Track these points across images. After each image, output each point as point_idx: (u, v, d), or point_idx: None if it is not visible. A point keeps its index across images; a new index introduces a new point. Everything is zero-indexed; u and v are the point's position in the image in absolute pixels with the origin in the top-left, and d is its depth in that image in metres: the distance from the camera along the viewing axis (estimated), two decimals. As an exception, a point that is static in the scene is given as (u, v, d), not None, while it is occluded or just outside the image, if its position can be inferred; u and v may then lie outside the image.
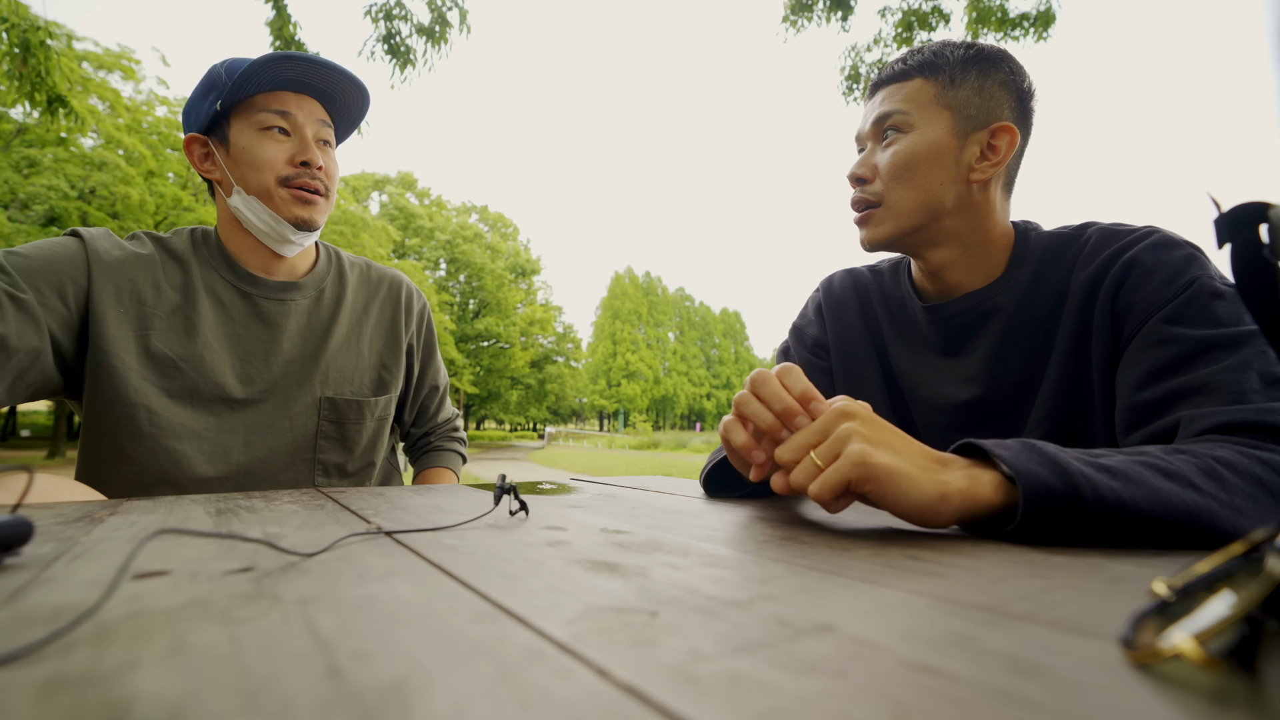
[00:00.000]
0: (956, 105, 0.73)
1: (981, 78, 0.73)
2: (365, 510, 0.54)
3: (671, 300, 60.48)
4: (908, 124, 0.74)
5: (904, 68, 0.76)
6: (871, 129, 0.78)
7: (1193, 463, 0.47)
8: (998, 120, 0.73)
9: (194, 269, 0.90)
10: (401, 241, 26.63)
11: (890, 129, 0.75)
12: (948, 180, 0.72)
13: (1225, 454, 0.48)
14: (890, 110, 0.75)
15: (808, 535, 0.45)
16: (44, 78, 3.69)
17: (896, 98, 0.75)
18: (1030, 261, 0.74)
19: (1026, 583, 0.31)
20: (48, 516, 0.49)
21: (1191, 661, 0.18)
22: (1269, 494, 0.46)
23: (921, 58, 0.75)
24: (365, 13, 4.32)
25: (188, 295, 0.88)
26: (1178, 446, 0.50)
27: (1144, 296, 0.64)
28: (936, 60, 0.74)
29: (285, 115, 0.88)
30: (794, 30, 5.19)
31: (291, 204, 0.88)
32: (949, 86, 0.73)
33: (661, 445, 25.93)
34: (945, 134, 0.72)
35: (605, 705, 0.17)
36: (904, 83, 0.76)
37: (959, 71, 0.73)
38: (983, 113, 0.72)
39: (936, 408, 0.80)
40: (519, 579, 0.31)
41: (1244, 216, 0.31)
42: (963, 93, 0.73)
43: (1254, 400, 0.54)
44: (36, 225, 11.65)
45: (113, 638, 0.22)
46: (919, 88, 0.74)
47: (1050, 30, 4.81)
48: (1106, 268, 0.67)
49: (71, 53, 12.56)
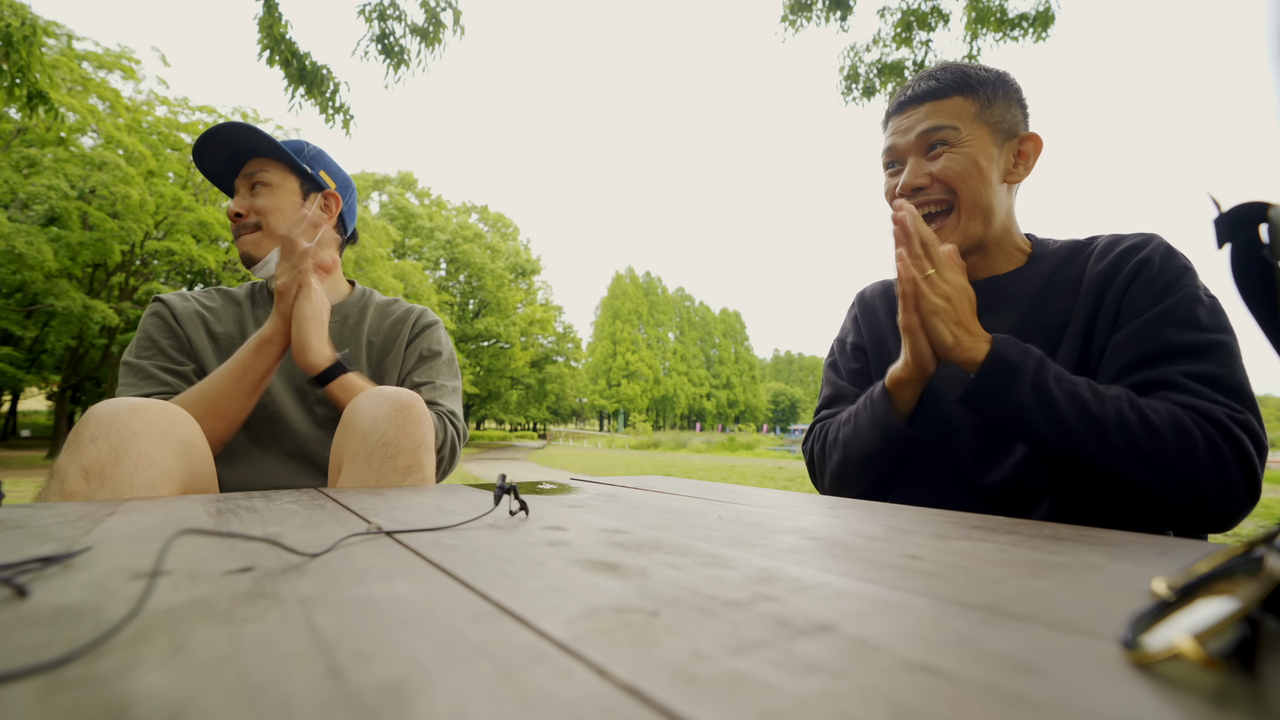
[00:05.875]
0: (993, 121, 0.83)
1: (1006, 98, 0.84)
2: (365, 510, 0.54)
3: (671, 300, 60.47)
4: (957, 138, 0.83)
5: (939, 85, 0.85)
6: (916, 141, 0.85)
7: (1125, 397, 0.67)
8: (1022, 131, 0.85)
9: (247, 308, 1.16)
10: (401, 241, 26.60)
11: (939, 142, 0.84)
12: (993, 185, 0.83)
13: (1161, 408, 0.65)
14: (940, 125, 0.83)
15: (808, 535, 0.45)
16: (25, 73, 3.66)
17: (942, 114, 0.84)
18: (1048, 259, 0.85)
19: (1026, 583, 0.31)
20: (48, 516, 0.49)
21: (1191, 661, 0.18)
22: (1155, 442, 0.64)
23: (952, 77, 0.85)
24: (359, 12, 4.32)
25: (241, 325, 1.14)
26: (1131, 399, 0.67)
27: (1149, 295, 0.74)
28: (969, 80, 0.84)
29: (235, 190, 1.14)
30: (793, 30, 5.18)
31: (239, 248, 1.13)
32: (986, 105, 0.83)
33: (661, 445, 25.93)
34: (988, 144, 0.83)
35: (605, 705, 0.17)
36: (943, 100, 0.84)
37: (991, 92, 0.84)
38: (1011, 125, 0.84)
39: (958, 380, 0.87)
40: (519, 579, 0.31)
41: (1244, 216, 0.31)
42: (997, 110, 0.83)
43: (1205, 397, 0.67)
44: (36, 225, 11.64)
45: (113, 638, 0.22)
46: (961, 105, 0.83)
47: (1049, 30, 4.81)
48: (1121, 263, 0.77)
49: (71, 52, 12.56)
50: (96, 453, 0.68)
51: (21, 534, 0.41)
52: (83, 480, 0.66)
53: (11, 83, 3.67)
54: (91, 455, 0.67)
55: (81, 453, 0.68)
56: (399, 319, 1.20)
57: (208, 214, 13.68)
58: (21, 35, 3.58)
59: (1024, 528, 0.49)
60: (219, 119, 15.54)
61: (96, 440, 0.69)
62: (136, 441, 0.70)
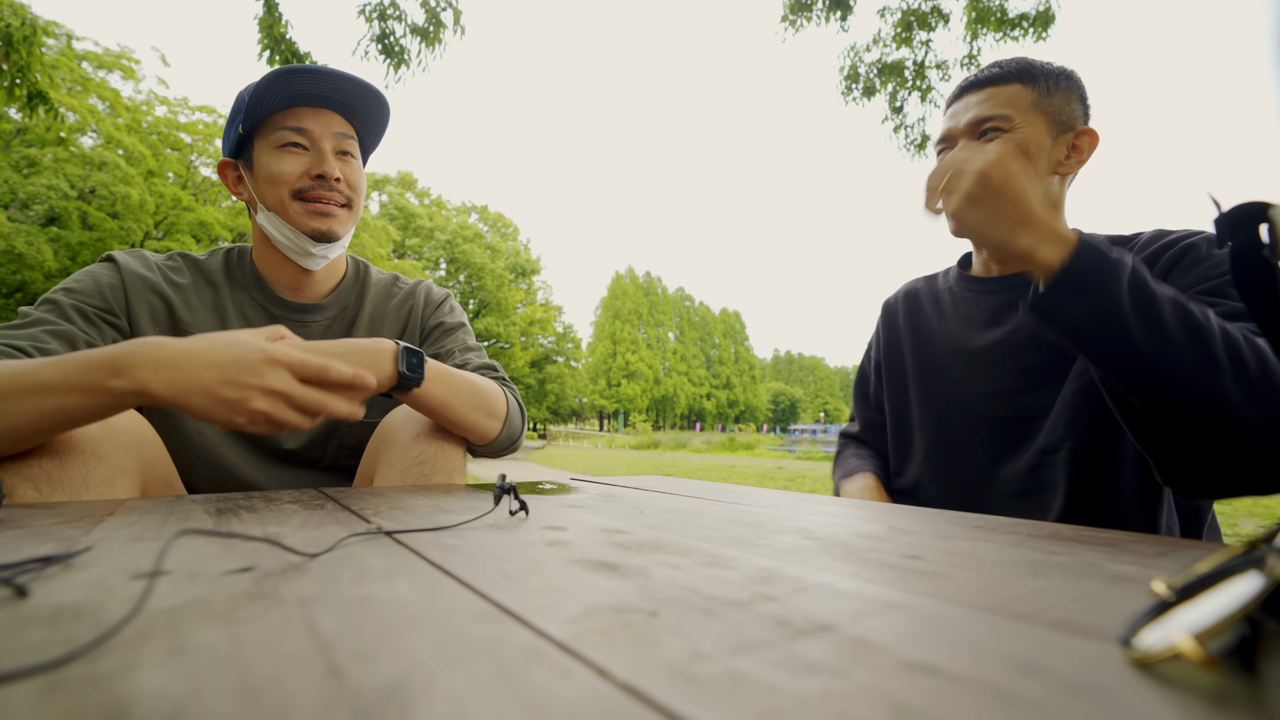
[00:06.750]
0: (1051, 111, 0.82)
1: (1068, 91, 0.84)
2: (365, 510, 0.54)
3: (671, 300, 60.47)
4: (1009, 124, 0.82)
5: (1000, 72, 0.85)
6: (967, 127, 0.85)
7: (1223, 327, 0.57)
8: (1080, 125, 0.84)
9: (225, 290, 0.94)
10: (401, 241, 26.62)
11: (991, 129, 0.83)
12: (1042, 173, 0.82)
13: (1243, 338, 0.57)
14: (992, 114, 0.83)
15: (808, 535, 0.45)
16: (25, 73, 3.65)
17: (997, 100, 0.83)
18: None
19: (1026, 583, 0.31)
20: (48, 516, 0.49)
21: (1191, 661, 0.18)
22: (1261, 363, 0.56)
23: (1017, 65, 0.85)
24: (359, 12, 4.32)
25: (220, 315, 0.93)
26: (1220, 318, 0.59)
27: (1194, 274, 0.72)
28: (1032, 70, 0.84)
29: (301, 131, 0.89)
30: (793, 30, 5.19)
31: (305, 217, 0.89)
32: (1045, 95, 0.83)
33: (661, 445, 25.92)
34: (1042, 134, 0.82)
35: (605, 705, 0.17)
36: (1002, 87, 0.84)
37: (1053, 82, 0.83)
38: (1069, 119, 0.83)
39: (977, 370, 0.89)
40: (519, 579, 0.31)
41: (1244, 216, 0.31)
42: (1056, 100, 0.83)
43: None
44: (36, 225, 11.64)
45: (113, 638, 0.22)
46: (1018, 92, 0.83)
47: (1049, 30, 4.81)
48: (1165, 249, 0.76)
49: (71, 52, 12.56)
50: (38, 459, 0.62)
51: (21, 534, 0.41)
52: (33, 490, 0.61)
53: (11, 83, 3.66)
54: (33, 463, 0.62)
55: (22, 463, 0.62)
56: (403, 299, 1.06)
57: (208, 214, 13.68)
58: (21, 35, 3.58)
59: (1024, 528, 0.49)
60: (219, 119, 15.54)
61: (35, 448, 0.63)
62: (76, 441, 0.65)
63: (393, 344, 0.75)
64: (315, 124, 0.90)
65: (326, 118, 0.91)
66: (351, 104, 0.92)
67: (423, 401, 0.78)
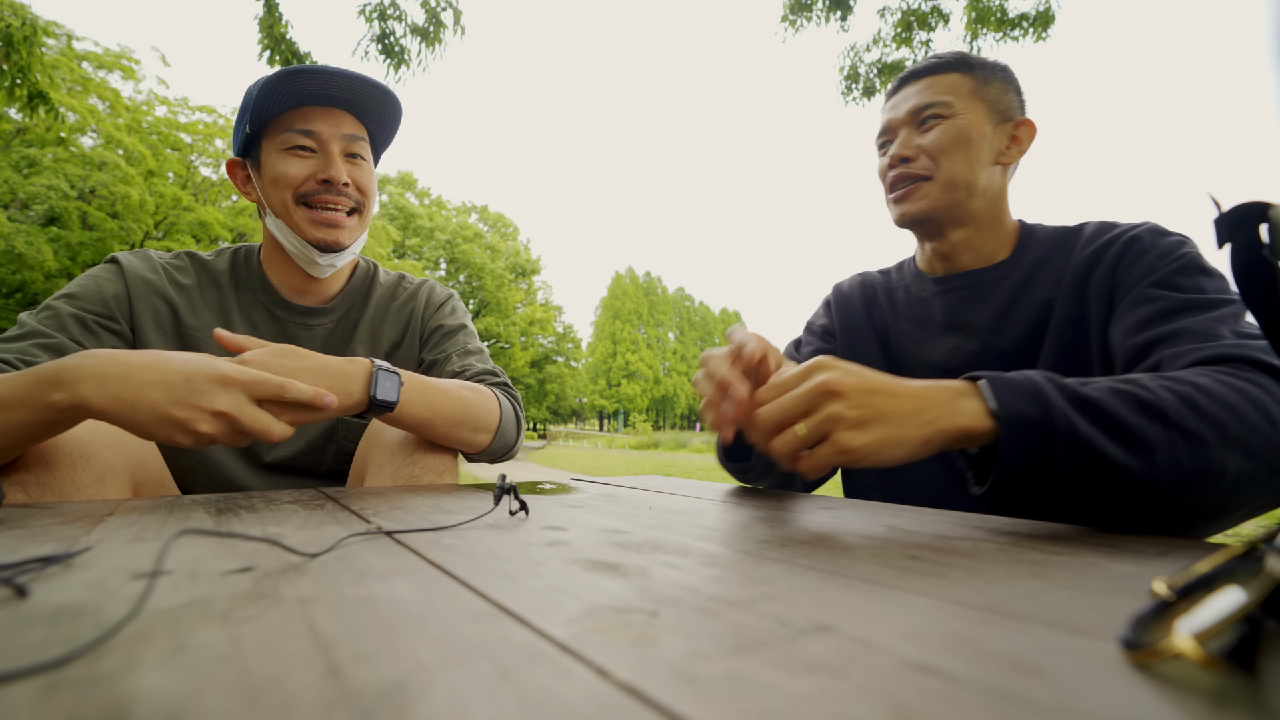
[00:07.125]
0: (989, 99, 0.83)
1: (1004, 81, 0.85)
2: (365, 510, 0.54)
3: (671, 300, 60.45)
4: (950, 110, 0.83)
5: (939, 62, 0.86)
6: (908, 116, 0.86)
7: (1173, 390, 0.50)
8: (1018, 116, 0.85)
9: (230, 292, 0.93)
10: (401, 241, 26.62)
11: (931, 116, 0.84)
12: (983, 162, 0.82)
13: (1205, 381, 0.51)
14: (932, 100, 0.84)
15: (808, 535, 0.45)
16: (25, 73, 3.65)
17: (936, 88, 0.84)
18: (1034, 249, 0.84)
19: (1026, 583, 0.31)
20: (48, 516, 0.49)
21: (1191, 661, 0.18)
22: (1238, 420, 0.49)
23: (954, 56, 0.86)
24: (359, 12, 4.32)
25: (224, 317, 0.91)
26: (1164, 374, 0.53)
27: (1140, 267, 0.70)
28: (969, 60, 0.85)
29: (309, 134, 0.87)
30: (793, 30, 5.19)
31: (311, 226, 0.87)
32: (983, 83, 0.84)
33: (661, 445, 25.92)
34: (982, 121, 0.83)
35: (605, 705, 0.17)
36: (940, 75, 0.85)
37: (989, 72, 0.84)
38: (1007, 108, 0.84)
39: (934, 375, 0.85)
40: (519, 579, 0.31)
41: (1244, 216, 0.31)
42: (993, 89, 0.84)
43: (1229, 339, 0.58)
44: (36, 225, 11.64)
45: (113, 638, 0.22)
46: (957, 81, 0.84)
47: (1049, 30, 4.81)
48: (1108, 246, 0.75)
49: (71, 52, 12.56)
50: (24, 463, 0.62)
51: (21, 534, 0.41)
52: (22, 494, 0.61)
53: (12, 83, 3.67)
54: (20, 468, 0.61)
55: (9, 468, 0.61)
56: (406, 300, 1.04)
57: (207, 214, 13.69)
58: (22, 35, 3.58)
59: (1024, 527, 0.49)
60: (219, 119, 15.54)
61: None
62: (63, 443, 0.64)
63: (368, 365, 0.72)
64: (324, 125, 0.87)
65: (336, 117, 0.89)
66: (361, 103, 0.90)
67: (400, 421, 0.77)
